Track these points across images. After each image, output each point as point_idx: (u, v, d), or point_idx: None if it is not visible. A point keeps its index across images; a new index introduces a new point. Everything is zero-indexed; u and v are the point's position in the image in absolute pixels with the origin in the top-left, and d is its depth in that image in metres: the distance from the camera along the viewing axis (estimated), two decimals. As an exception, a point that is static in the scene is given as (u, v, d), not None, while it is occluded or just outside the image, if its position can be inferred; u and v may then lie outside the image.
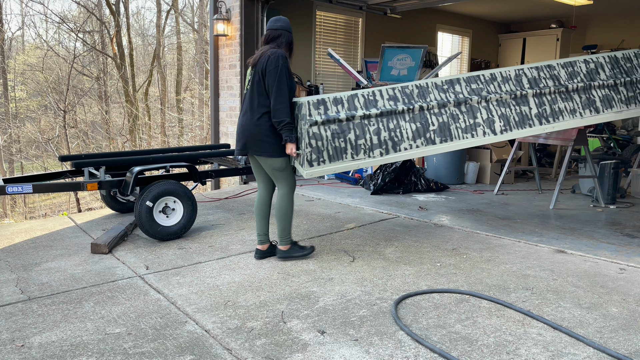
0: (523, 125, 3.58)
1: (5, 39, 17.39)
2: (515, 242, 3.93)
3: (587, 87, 3.75)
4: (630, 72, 3.93)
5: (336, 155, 3.25)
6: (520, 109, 3.59)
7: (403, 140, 3.36)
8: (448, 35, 10.28)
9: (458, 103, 3.47)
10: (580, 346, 2.27)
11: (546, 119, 3.63)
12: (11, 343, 2.32)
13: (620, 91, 3.85)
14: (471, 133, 3.47)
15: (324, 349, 2.25)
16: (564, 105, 3.68)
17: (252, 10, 6.63)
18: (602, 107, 3.78)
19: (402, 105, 3.37)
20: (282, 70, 3.12)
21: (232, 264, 3.43)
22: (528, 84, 3.64)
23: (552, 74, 3.71)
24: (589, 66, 3.81)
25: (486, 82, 3.55)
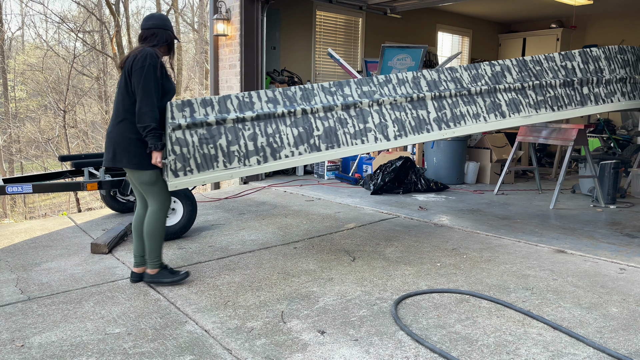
0: (420, 130, 3.34)
1: (5, 39, 17.39)
2: (515, 242, 3.93)
3: (492, 90, 3.55)
4: (539, 75, 3.70)
5: (205, 163, 2.92)
6: (417, 113, 3.36)
7: (283, 147, 3.07)
8: (448, 35, 10.28)
9: (347, 106, 3.22)
10: (580, 346, 2.27)
11: (446, 124, 3.41)
12: (11, 343, 2.32)
13: (529, 95, 3.64)
14: (361, 139, 3.22)
15: (324, 349, 2.25)
16: (466, 109, 3.46)
17: (252, 10, 6.63)
18: (508, 111, 3.56)
19: (282, 108, 3.09)
20: (149, 69, 2.80)
21: (232, 264, 3.43)
22: (427, 87, 3.41)
23: (454, 77, 3.50)
24: (494, 69, 3.60)
25: (380, 84, 3.33)
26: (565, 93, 3.74)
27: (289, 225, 4.49)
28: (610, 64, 3.92)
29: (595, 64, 3.87)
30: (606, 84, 3.89)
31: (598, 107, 3.84)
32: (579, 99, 3.78)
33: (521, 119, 3.59)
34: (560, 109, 3.72)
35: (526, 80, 3.64)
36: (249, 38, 6.62)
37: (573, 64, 3.80)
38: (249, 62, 6.64)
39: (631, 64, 4.06)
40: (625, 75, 4.00)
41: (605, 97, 3.87)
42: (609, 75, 3.91)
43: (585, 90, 3.81)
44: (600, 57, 3.91)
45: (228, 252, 3.71)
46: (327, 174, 7.13)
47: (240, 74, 6.62)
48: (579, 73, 3.80)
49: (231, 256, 3.61)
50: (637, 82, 4.10)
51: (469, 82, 3.52)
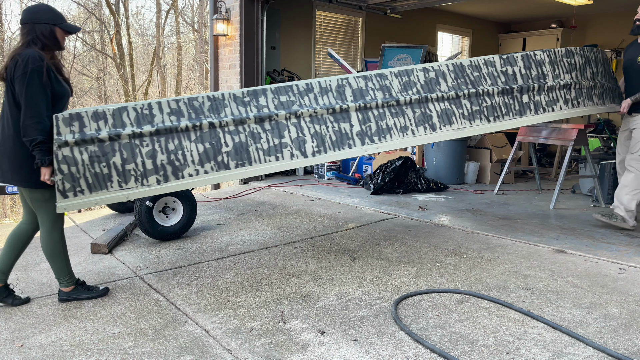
0: (341, 146, 3.03)
1: (5, 39, 17.38)
2: (516, 242, 3.93)
3: (423, 100, 3.23)
4: (477, 82, 3.39)
5: (98, 183, 2.63)
6: (339, 126, 3.04)
7: (187, 165, 2.76)
8: (448, 35, 10.28)
9: (261, 119, 2.90)
10: (581, 346, 2.27)
11: (370, 138, 3.09)
12: (11, 343, 2.32)
13: (463, 105, 3.33)
14: (275, 155, 2.91)
15: (324, 349, 2.25)
16: (393, 122, 3.15)
17: (252, 10, 6.63)
18: (439, 123, 3.26)
19: (186, 121, 2.77)
20: (31, 75, 2.47)
21: (232, 264, 3.43)
22: (352, 97, 3.09)
23: (383, 85, 3.17)
24: (428, 75, 3.28)
25: (300, 93, 3.00)
26: (504, 102, 3.46)
27: (289, 225, 4.49)
28: (554, 69, 3.64)
29: (539, 69, 3.58)
30: (548, 91, 3.61)
31: (537, 116, 3.57)
32: (517, 108, 3.50)
33: (452, 132, 3.29)
34: (496, 120, 3.43)
35: (462, 88, 3.34)
36: (248, 38, 6.62)
37: (514, 69, 3.51)
38: (249, 62, 6.65)
39: (578, 68, 3.78)
40: (571, 80, 3.71)
41: (546, 106, 3.59)
42: (552, 81, 3.62)
43: (525, 98, 3.53)
44: (544, 61, 3.62)
45: (228, 252, 3.71)
46: (327, 174, 7.13)
47: (240, 74, 6.63)
48: (519, 79, 3.52)
49: (231, 256, 3.61)
50: (583, 88, 3.81)
51: (399, 90, 3.20)
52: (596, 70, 3.93)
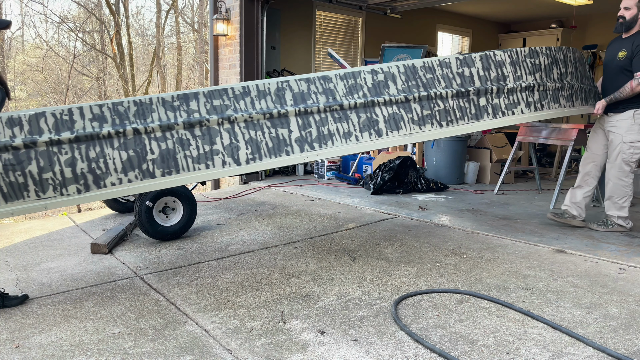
0: (278, 153, 2.87)
1: (5, 39, 17.39)
2: (516, 242, 3.93)
3: (369, 104, 3.04)
4: (429, 85, 3.18)
5: (14, 193, 2.50)
6: (277, 132, 2.87)
7: (109, 174, 2.62)
8: (448, 35, 10.28)
9: (190, 125, 2.73)
10: (581, 346, 2.27)
11: (310, 145, 2.92)
12: (11, 343, 2.32)
13: (413, 109, 3.13)
14: (205, 163, 2.76)
15: (324, 349, 2.25)
16: (335, 127, 2.97)
17: (252, 10, 6.63)
18: (386, 129, 3.07)
19: (109, 127, 2.61)
20: None
21: (232, 264, 3.43)
22: (292, 101, 2.91)
23: (327, 88, 2.98)
24: (376, 78, 3.08)
25: (235, 97, 2.83)
26: (458, 105, 3.25)
27: (289, 225, 4.49)
28: (516, 70, 3.43)
29: (499, 70, 3.37)
30: (509, 93, 3.40)
31: (496, 120, 3.36)
32: (473, 112, 3.29)
33: (400, 138, 3.11)
34: (450, 124, 3.24)
35: (412, 91, 3.14)
36: (248, 38, 6.62)
37: (472, 70, 3.29)
38: (249, 62, 6.65)
39: (543, 69, 3.56)
40: (534, 82, 3.50)
41: (505, 109, 3.38)
42: (513, 83, 3.41)
43: (483, 101, 3.32)
44: (505, 62, 3.39)
45: (228, 252, 3.71)
46: (327, 174, 7.13)
47: (240, 74, 6.63)
48: (477, 82, 3.30)
49: (231, 256, 3.61)
50: (548, 90, 3.60)
51: (344, 94, 3.01)
52: (565, 71, 3.73)
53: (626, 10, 3.92)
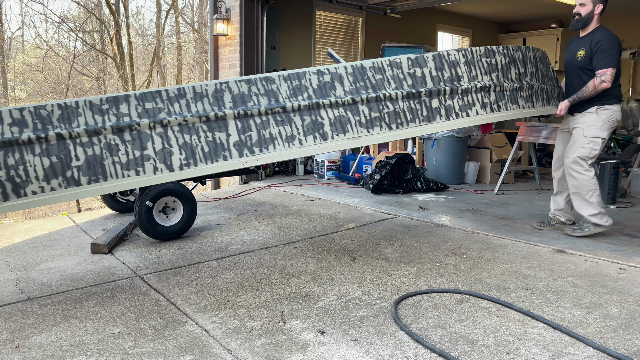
0: (215, 158, 2.74)
1: (5, 38, 17.39)
2: (516, 242, 3.93)
3: (314, 106, 2.91)
4: (378, 86, 3.05)
5: None
6: (213, 136, 2.74)
7: (30, 182, 2.47)
8: (448, 35, 10.28)
9: (119, 129, 2.58)
10: (581, 346, 2.27)
11: (250, 149, 2.79)
12: (11, 343, 2.32)
13: (361, 111, 3.00)
14: (135, 169, 2.61)
15: (324, 349, 2.25)
16: (278, 131, 2.84)
17: (252, 10, 6.63)
18: (332, 132, 2.94)
19: (30, 132, 2.46)
20: None
21: (232, 264, 3.43)
22: (231, 103, 2.78)
23: (269, 90, 2.86)
24: (322, 79, 2.95)
25: (169, 100, 2.69)
26: (409, 107, 3.13)
27: (289, 225, 4.49)
28: (471, 70, 3.31)
29: (452, 70, 3.25)
30: (463, 94, 3.28)
31: (449, 122, 3.25)
32: (425, 113, 3.17)
33: (346, 141, 2.99)
34: (400, 127, 3.12)
35: (360, 92, 3.01)
36: (249, 38, 6.62)
37: (424, 71, 3.17)
38: (249, 62, 6.65)
39: (500, 69, 3.43)
40: (490, 82, 3.37)
41: (459, 111, 3.26)
42: (467, 83, 3.29)
43: (435, 103, 3.20)
44: (459, 61, 3.27)
45: (228, 252, 3.71)
46: (327, 173, 7.13)
47: (240, 74, 6.63)
48: (429, 82, 3.18)
49: (231, 256, 3.61)
50: (506, 90, 3.47)
51: (288, 95, 2.89)
52: (524, 71, 3.60)
53: (581, 6, 3.79)
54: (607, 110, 3.83)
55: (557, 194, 4.24)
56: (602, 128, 3.83)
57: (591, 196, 3.87)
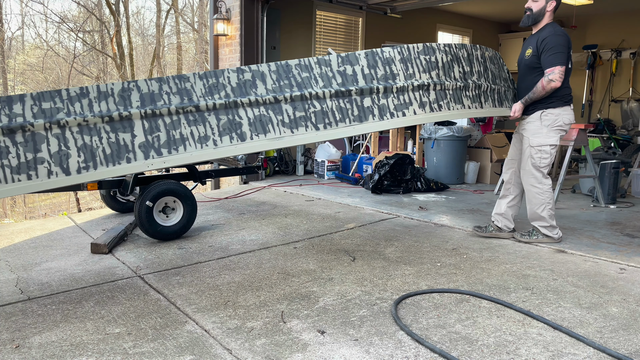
0: (118, 160, 2.56)
1: (5, 38, 17.39)
2: (516, 242, 3.93)
3: (231, 105, 2.75)
4: (304, 84, 2.89)
5: None
6: (117, 137, 2.55)
7: None
8: (448, 35, 10.28)
9: (10, 130, 2.41)
10: (581, 346, 2.27)
11: (157, 151, 2.62)
12: (11, 343, 2.32)
13: (284, 110, 2.84)
14: (27, 174, 2.44)
15: (324, 349, 2.25)
16: (190, 131, 2.66)
17: (252, 10, 6.63)
18: (251, 132, 2.78)
19: None
20: None
21: (232, 264, 3.43)
22: (139, 102, 2.60)
23: (182, 88, 2.68)
24: (242, 77, 2.80)
25: (70, 99, 2.51)
26: (338, 106, 2.96)
27: (289, 225, 4.49)
28: (407, 68, 3.14)
29: (387, 67, 3.07)
30: (398, 93, 3.10)
31: (383, 122, 3.07)
32: (356, 113, 3.00)
33: (267, 142, 2.82)
34: (328, 127, 2.94)
35: (284, 91, 2.86)
36: (249, 38, 6.62)
37: (355, 68, 3.00)
38: (249, 62, 6.65)
39: (440, 67, 3.25)
40: (429, 81, 3.19)
41: (394, 110, 3.09)
42: (403, 82, 3.11)
43: (368, 102, 3.02)
44: (394, 59, 3.10)
45: (228, 252, 3.71)
46: (327, 173, 7.13)
47: (240, 74, 6.62)
48: (361, 80, 3.01)
49: (231, 256, 3.61)
50: (448, 89, 3.29)
51: (203, 94, 2.72)
52: (469, 70, 3.43)
53: (533, 1, 3.63)
54: (550, 115, 3.64)
55: (502, 197, 4.04)
56: (548, 135, 3.65)
57: (542, 210, 3.73)
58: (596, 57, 9.34)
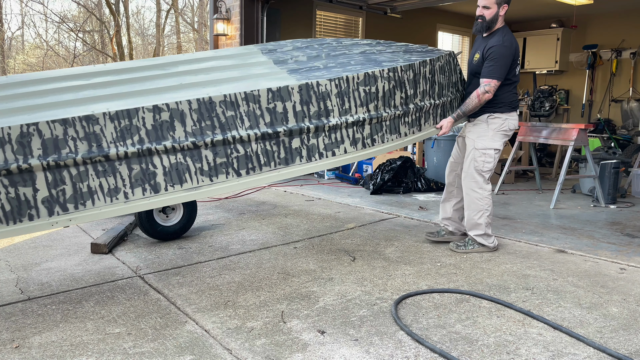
0: (19, 217, 2.30)
1: (5, 38, 17.40)
2: (516, 242, 3.93)
3: (145, 152, 2.44)
4: (229, 126, 2.59)
5: None
6: (17, 192, 2.26)
7: None
8: (448, 35, 10.28)
9: None
10: (581, 346, 2.27)
11: (62, 206, 2.36)
12: (11, 343, 2.32)
13: (204, 157, 2.55)
14: None
15: (324, 349, 2.25)
16: (99, 183, 2.40)
17: (252, 10, 6.63)
18: (165, 182, 2.51)
19: None
20: None
21: (232, 264, 3.43)
22: (40, 150, 2.28)
23: (90, 132, 2.36)
24: (159, 117, 2.45)
25: None
26: (263, 150, 2.70)
27: (289, 225, 4.49)
28: (344, 103, 2.86)
29: (321, 103, 2.80)
30: (330, 131, 2.85)
31: (310, 165, 2.85)
32: (283, 155, 2.75)
33: (183, 193, 2.56)
34: (251, 172, 2.70)
35: (205, 134, 2.55)
36: (249, 38, 6.62)
37: (286, 105, 2.72)
38: (249, 62, 6.64)
39: (381, 97, 2.99)
40: (365, 115, 2.94)
41: (324, 150, 2.86)
42: (337, 118, 2.86)
43: (296, 143, 2.78)
44: (330, 93, 2.81)
45: (228, 252, 3.71)
46: (327, 173, 7.13)
47: (240, 74, 6.63)
48: (291, 119, 2.74)
49: (231, 256, 3.61)
50: (384, 120, 3.05)
51: (114, 139, 2.39)
52: (413, 92, 3.17)
53: (485, 9, 3.47)
54: (497, 119, 3.55)
55: (445, 201, 3.92)
56: (494, 138, 3.55)
57: (480, 217, 3.58)
58: (596, 57, 9.33)
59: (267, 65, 3.16)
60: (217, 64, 3.21)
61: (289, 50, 3.37)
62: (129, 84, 2.84)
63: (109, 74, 2.99)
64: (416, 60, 3.21)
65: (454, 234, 3.91)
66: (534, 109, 8.81)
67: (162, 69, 3.09)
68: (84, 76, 2.95)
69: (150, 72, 3.04)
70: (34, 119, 2.30)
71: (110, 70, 3.04)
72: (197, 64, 3.20)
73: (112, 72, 3.02)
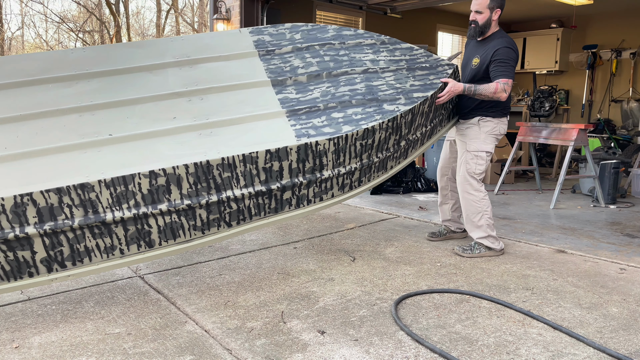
0: (19, 275, 2.39)
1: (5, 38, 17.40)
2: (516, 242, 3.93)
3: (140, 216, 2.48)
4: (224, 186, 2.61)
5: None
6: (15, 254, 2.33)
7: None
8: (448, 35, 10.28)
9: None
10: (581, 346, 2.27)
11: (61, 264, 2.44)
12: (11, 343, 2.32)
13: (198, 216, 2.61)
14: None
15: (324, 349, 2.25)
16: (95, 243, 2.46)
17: (252, 10, 6.63)
18: (159, 239, 2.59)
19: None
20: None
21: (232, 264, 3.43)
22: (36, 219, 2.30)
23: (86, 200, 2.37)
24: (155, 182, 2.46)
25: None
26: (255, 204, 2.75)
27: (289, 225, 4.49)
28: (339, 157, 2.86)
29: (316, 160, 2.80)
30: (322, 182, 2.89)
31: (299, 211, 2.90)
32: (273, 206, 2.81)
33: (176, 247, 2.63)
34: (241, 222, 2.76)
35: (201, 195, 2.56)
36: (249, 38, 6.61)
37: (283, 164, 2.70)
38: (249, 62, 6.64)
39: (375, 146, 2.98)
40: (357, 165, 2.96)
41: (313, 197, 2.92)
42: (330, 171, 2.87)
43: (288, 194, 2.82)
44: (327, 151, 2.79)
45: (228, 252, 3.71)
46: (327, 174, 7.12)
47: (240, 74, 6.62)
48: (286, 176, 2.75)
49: (231, 256, 3.61)
50: (374, 163, 3.07)
51: (110, 204, 2.40)
52: (407, 130, 3.14)
53: (478, 14, 3.53)
54: (489, 123, 3.53)
55: (442, 204, 3.96)
56: (485, 141, 3.53)
57: (480, 219, 3.54)
58: (596, 57, 9.33)
59: (264, 91, 3.01)
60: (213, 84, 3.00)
61: (288, 54, 3.28)
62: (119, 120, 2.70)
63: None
64: (417, 100, 3.10)
65: (456, 233, 4.01)
66: (533, 109, 8.81)
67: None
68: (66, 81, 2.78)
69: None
70: (27, 184, 2.31)
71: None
72: (191, 68, 3.04)
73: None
